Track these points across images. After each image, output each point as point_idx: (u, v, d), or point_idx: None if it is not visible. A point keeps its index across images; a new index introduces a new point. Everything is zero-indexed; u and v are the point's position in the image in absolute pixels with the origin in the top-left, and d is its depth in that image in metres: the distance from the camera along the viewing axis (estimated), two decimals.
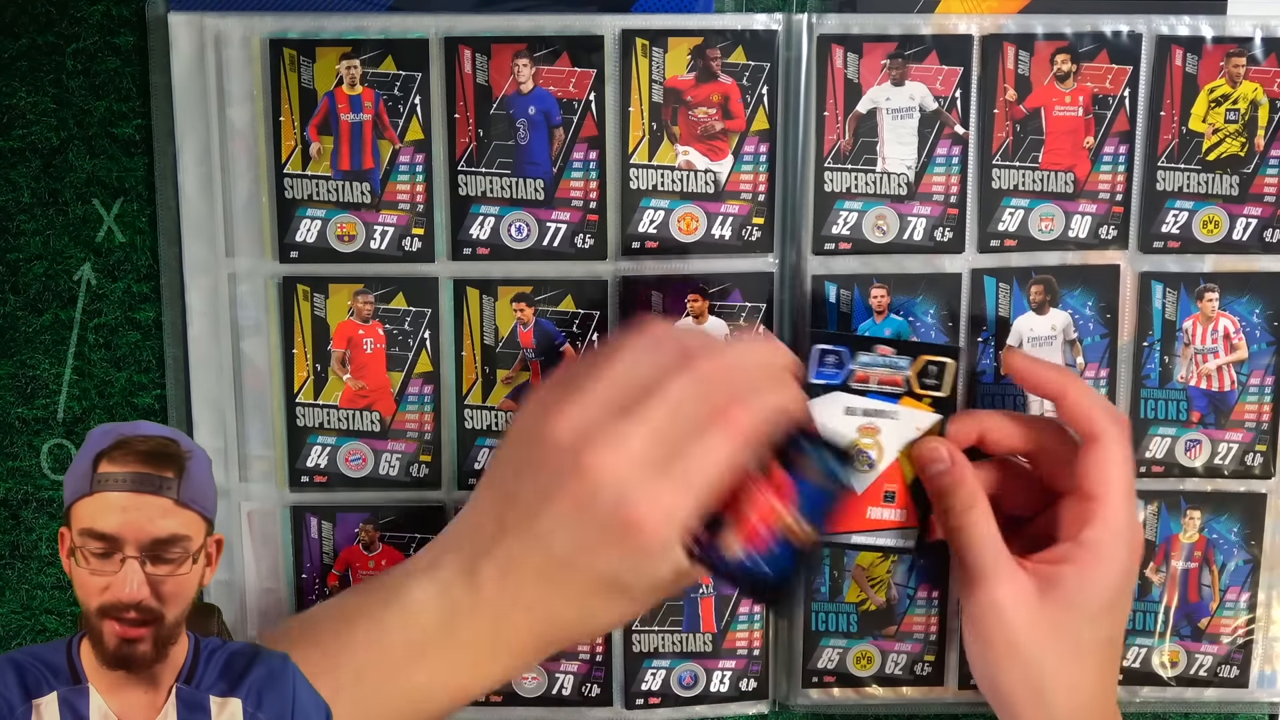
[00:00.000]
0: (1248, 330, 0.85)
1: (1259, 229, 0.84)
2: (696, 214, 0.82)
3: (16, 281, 0.82)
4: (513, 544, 0.69)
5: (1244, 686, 0.89)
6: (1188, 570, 0.88)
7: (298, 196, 0.81)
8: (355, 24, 0.80)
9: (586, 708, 0.87)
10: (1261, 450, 0.86)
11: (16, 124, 0.81)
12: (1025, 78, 0.82)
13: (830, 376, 0.80)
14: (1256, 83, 0.82)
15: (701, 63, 0.81)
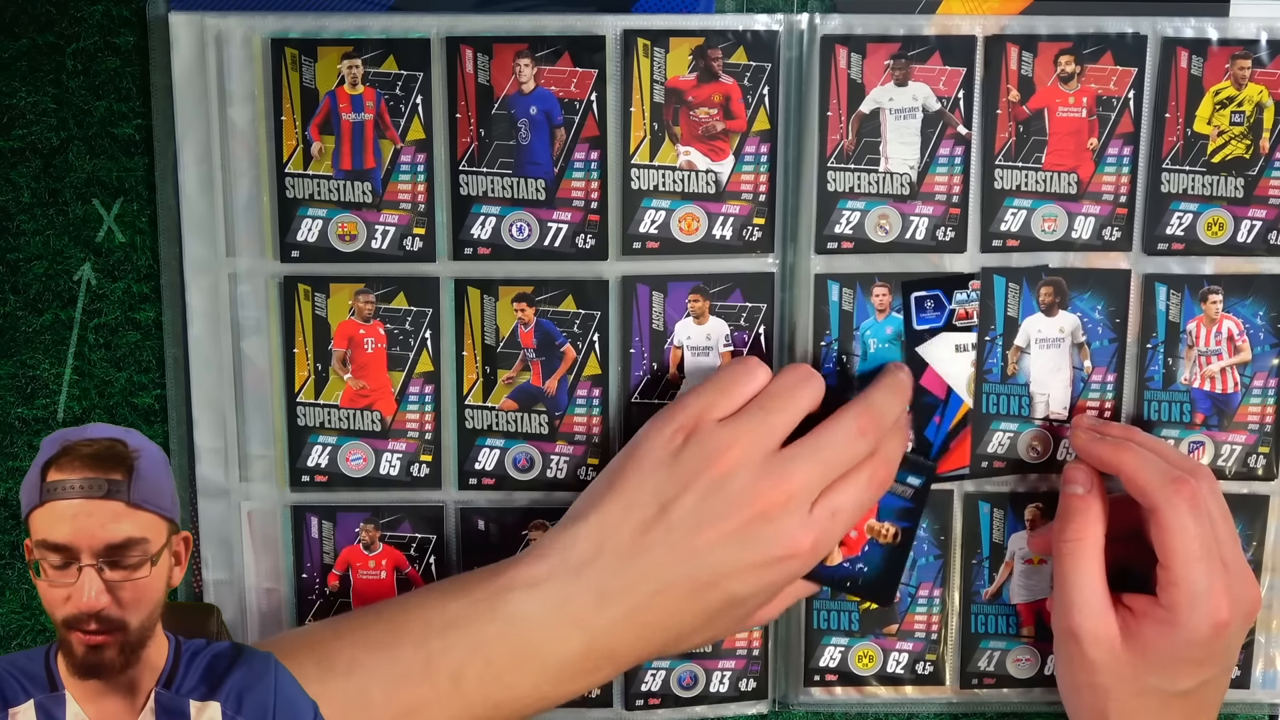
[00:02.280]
0: (1251, 332, 0.85)
1: (1263, 231, 0.84)
2: (697, 214, 0.82)
3: (16, 281, 0.82)
4: (656, 560, 0.73)
5: (1245, 687, 0.89)
6: None
7: (299, 196, 0.81)
8: (357, 23, 0.80)
9: (586, 709, 0.87)
10: (1264, 452, 0.86)
11: (16, 124, 0.81)
12: (1028, 78, 0.82)
13: (932, 320, 0.84)
14: (1262, 85, 0.82)
15: (703, 63, 0.81)
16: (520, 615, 0.72)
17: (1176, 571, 0.77)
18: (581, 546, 0.74)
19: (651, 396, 0.83)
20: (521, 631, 0.72)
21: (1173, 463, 0.78)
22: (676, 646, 0.76)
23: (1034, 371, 0.85)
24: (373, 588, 0.85)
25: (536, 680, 0.72)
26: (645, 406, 0.83)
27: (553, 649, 0.72)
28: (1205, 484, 0.78)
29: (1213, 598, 0.76)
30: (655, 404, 0.83)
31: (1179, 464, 0.79)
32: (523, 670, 0.72)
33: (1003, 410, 0.85)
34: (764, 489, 0.73)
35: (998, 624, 0.88)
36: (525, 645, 0.72)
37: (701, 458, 0.74)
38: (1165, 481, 0.77)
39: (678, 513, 0.73)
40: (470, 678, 0.71)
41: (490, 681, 0.71)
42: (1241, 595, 0.77)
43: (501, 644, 0.71)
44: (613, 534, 0.74)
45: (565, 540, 0.75)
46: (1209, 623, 0.76)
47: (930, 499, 0.84)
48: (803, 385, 0.77)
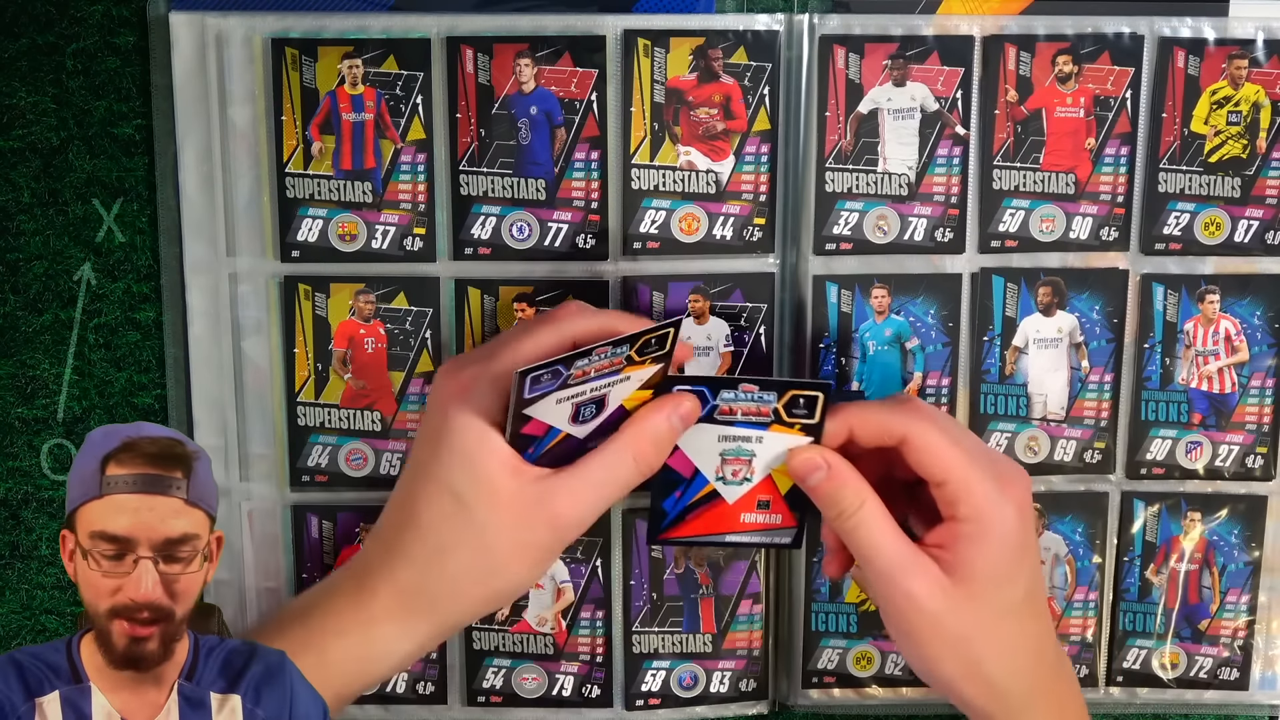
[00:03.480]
0: (1249, 332, 0.85)
1: (1260, 231, 0.84)
2: (698, 214, 0.82)
3: (16, 281, 0.82)
4: None
5: (1244, 689, 0.89)
6: (1188, 572, 0.88)
7: (299, 196, 0.81)
8: (357, 23, 0.80)
9: (587, 709, 0.87)
10: (1262, 452, 0.86)
11: (16, 124, 0.81)
12: (1026, 79, 0.82)
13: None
14: (1258, 85, 0.82)
15: (703, 63, 0.81)
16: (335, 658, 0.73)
17: (958, 478, 0.74)
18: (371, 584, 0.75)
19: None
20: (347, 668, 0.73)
21: None
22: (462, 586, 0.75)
23: (1031, 372, 0.85)
24: None
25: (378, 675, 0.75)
26: None
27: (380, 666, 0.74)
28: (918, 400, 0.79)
29: (1002, 483, 0.74)
30: None
31: None
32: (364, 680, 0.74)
33: (1000, 410, 0.85)
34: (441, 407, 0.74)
35: None
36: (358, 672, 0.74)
37: None
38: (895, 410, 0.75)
39: None
40: None
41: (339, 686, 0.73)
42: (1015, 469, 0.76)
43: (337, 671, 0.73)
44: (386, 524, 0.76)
45: None
46: (1013, 507, 0.74)
47: None
48: None
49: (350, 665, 0.73)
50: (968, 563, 0.74)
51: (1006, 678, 0.76)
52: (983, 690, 0.76)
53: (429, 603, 0.73)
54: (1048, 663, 0.77)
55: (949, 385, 0.85)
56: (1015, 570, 0.75)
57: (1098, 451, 0.86)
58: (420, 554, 0.73)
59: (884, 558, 0.74)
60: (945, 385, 0.85)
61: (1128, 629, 0.88)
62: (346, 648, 0.73)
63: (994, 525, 0.74)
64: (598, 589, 0.86)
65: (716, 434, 0.75)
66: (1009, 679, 0.76)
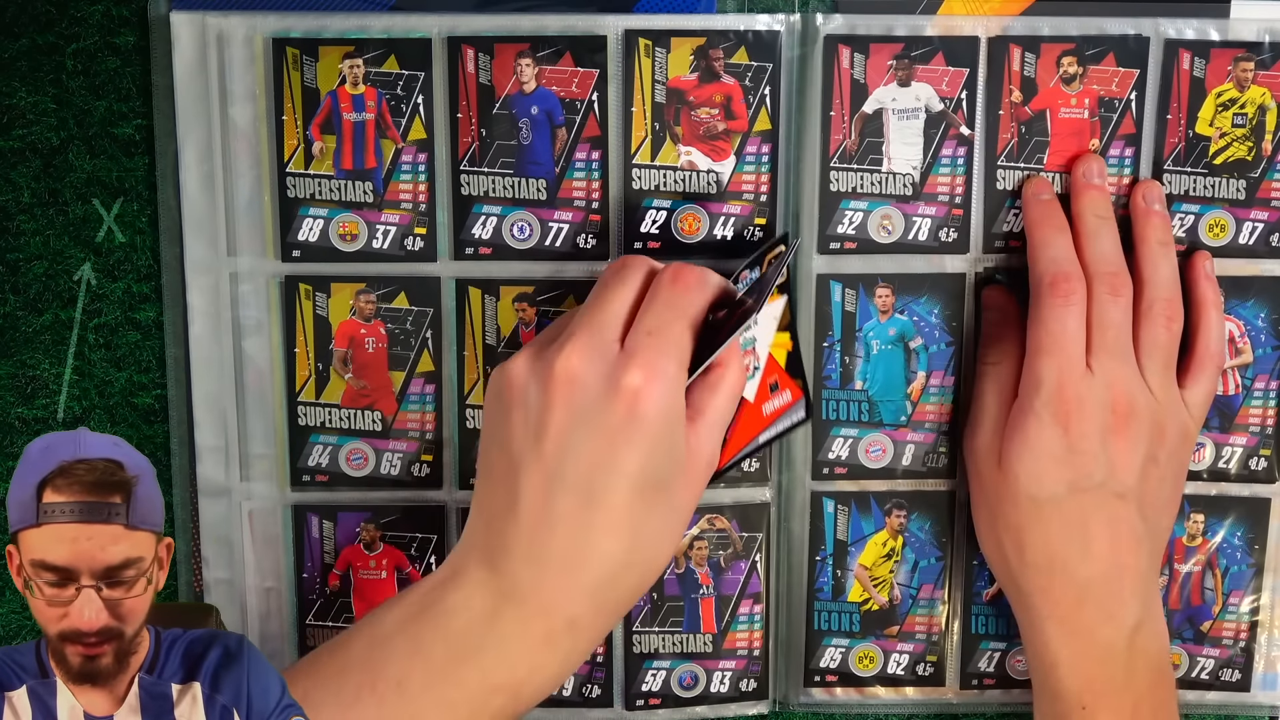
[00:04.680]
0: (1253, 334, 0.85)
1: (1265, 233, 0.83)
2: (699, 214, 0.82)
3: (16, 281, 0.82)
4: (530, 500, 0.68)
5: (1246, 690, 0.89)
6: (1190, 573, 0.87)
7: (300, 195, 0.81)
8: (358, 23, 0.80)
9: (587, 709, 0.87)
10: (1266, 454, 0.86)
11: (16, 124, 0.81)
12: (1031, 80, 0.81)
13: None
14: (1264, 87, 0.82)
15: (704, 63, 0.80)
16: (449, 607, 0.68)
17: (1030, 362, 0.78)
18: (473, 530, 0.71)
19: None
20: (453, 623, 0.68)
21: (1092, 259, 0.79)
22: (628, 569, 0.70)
23: None
24: (373, 588, 0.85)
25: (485, 669, 0.68)
26: None
27: (489, 631, 0.68)
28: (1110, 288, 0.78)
29: (1059, 388, 0.76)
30: None
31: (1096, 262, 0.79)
32: (466, 662, 0.68)
33: None
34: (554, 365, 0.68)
35: (998, 624, 0.88)
36: (461, 635, 0.68)
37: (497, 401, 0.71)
38: (1052, 273, 0.78)
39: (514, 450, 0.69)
40: (414, 682, 0.67)
41: (436, 681, 0.67)
42: (1102, 396, 0.77)
43: (436, 640, 0.68)
44: (493, 505, 0.70)
45: (469, 530, 0.72)
46: (1051, 412, 0.77)
47: (929, 499, 0.85)
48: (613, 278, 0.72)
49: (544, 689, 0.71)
50: (1011, 442, 0.78)
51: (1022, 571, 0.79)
52: (1003, 576, 0.82)
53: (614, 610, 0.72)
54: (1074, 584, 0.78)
55: (953, 385, 0.85)
56: (1045, 470, 0.77)
57: None
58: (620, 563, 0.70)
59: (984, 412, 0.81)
60: (949, 384, 0.85)
61: None
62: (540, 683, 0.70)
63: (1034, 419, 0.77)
64: None
65: None
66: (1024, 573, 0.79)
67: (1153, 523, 0.80)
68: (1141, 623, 0.79)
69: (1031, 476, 0.77)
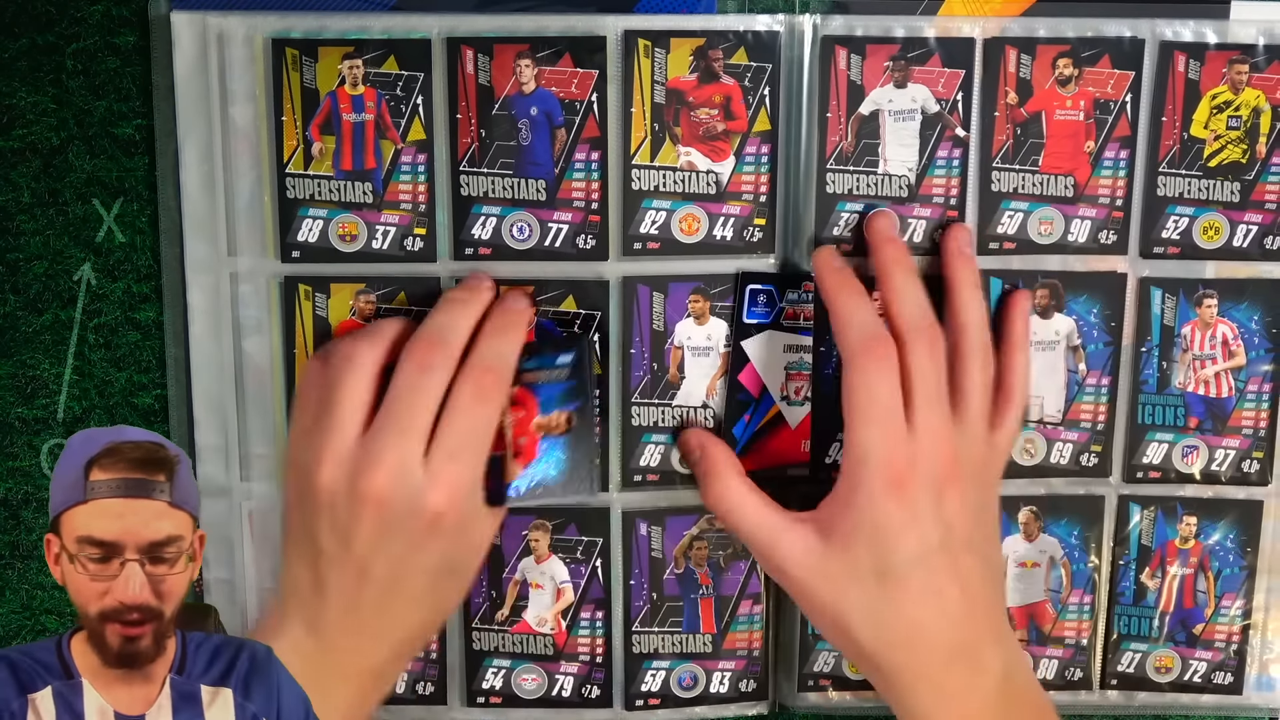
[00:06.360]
0: (1246, 337, 0.85)
1: (1259, 236, 0.84)
2: (698, 215, 0.82)
3: (16, 281, 0.82)
4: (339, 589, 0.74)
5: (1238, 693, 0.89)
6: (1183, 576, 0.88)
7: (300, 196, 0.81)
8: (358, 23, 0.80)
9: (586, 709, 0.87)
10: (1258, 457, 0.86)
11: (16, 124, 0.81)
12: (1027, 81, 0.82)
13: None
14: (1259, 89, 0.82)
15: (704, 64, 0.81)
16: None
17: (849, 433, 0.75)
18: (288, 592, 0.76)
19: (651, 397, 0.83)
20: None
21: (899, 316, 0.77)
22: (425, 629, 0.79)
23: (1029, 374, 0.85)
24: None
25: None
26: (645, 407, 0.84)
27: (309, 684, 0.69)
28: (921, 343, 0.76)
29: (887, 456, 0.74)
30: (655, 404, 0.83)
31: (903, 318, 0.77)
32: None
33: None
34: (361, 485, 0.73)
35: None
36: None
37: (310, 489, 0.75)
38: (860, 340, 0.76)
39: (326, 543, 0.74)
40: None
41: None
42: (929, 454, 0.75)
43: None
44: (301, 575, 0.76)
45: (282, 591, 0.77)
46: (882, 482, 0.74)
47: None
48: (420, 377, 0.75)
49: None
50: (834, 521, 0.76)
51: (881, 650, 0.76)
52: (855, 657, 0.78)
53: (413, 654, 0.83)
54: (939, 647, 0.76)
55: None
56: (882, 539, 0.75)
57: (1094, 454, 0.86)
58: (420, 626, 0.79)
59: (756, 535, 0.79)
60: None
61: (1123, 632, 0.88)
62: None
63: (861, 490, 0.75)
64: (597, 589, 0.86)
65: (782, 343, 0.76)
66: (884, 651, 0.76)
67: (991, 561, 0.80)
68: (1009, 664, 0.78)
69: (874, 553, 0.75)
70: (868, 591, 0.75)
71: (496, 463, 0.78)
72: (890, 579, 0.75)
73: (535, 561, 0.85)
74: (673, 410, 0.84)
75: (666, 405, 0.84)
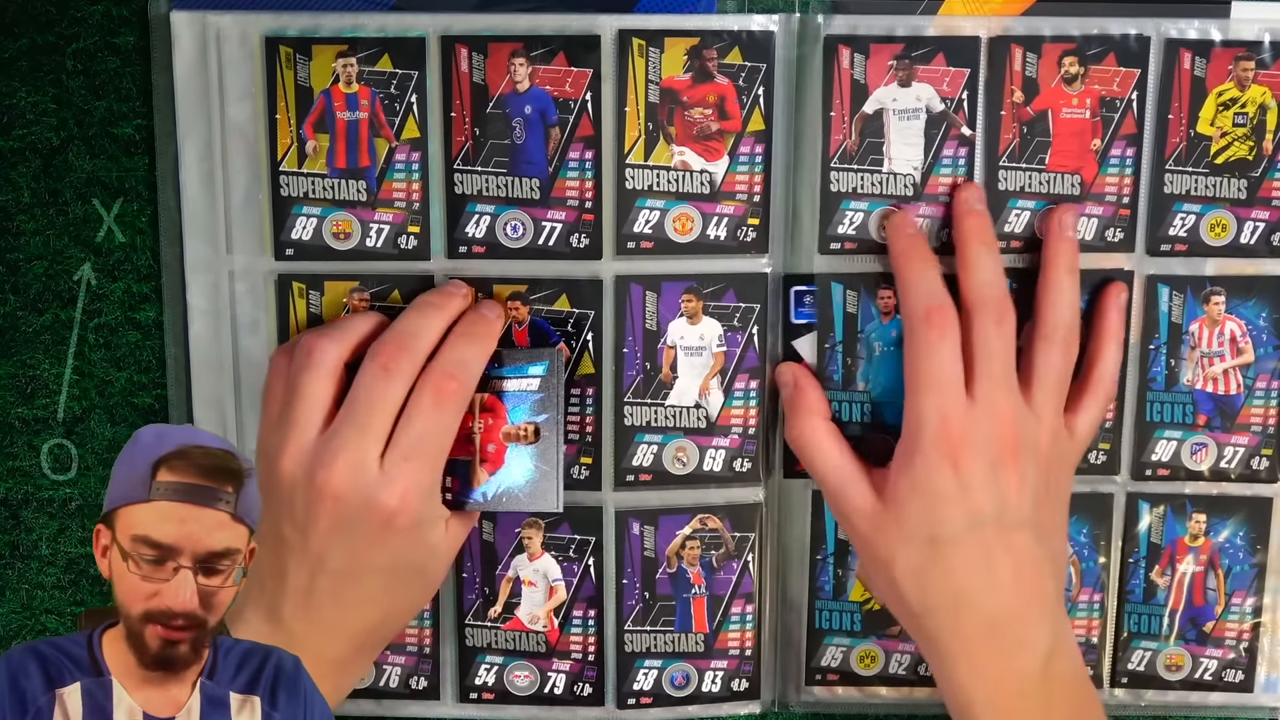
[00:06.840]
0: (1254, 334, 0.84)
1: (1266, 232, 0.83)
2: (692, 214, 0.82)
3: (16, 281, 0.83)
4: (297, 579, 0.75)
5: (1249, 691, 0.88)
6: (1193, 574, 0.87)
7: (293, 194, 0.81)
8: (352, 22, 0.80)
9: (578, 707, 0.88)
10: (1267, 454, 0.85)
11: (16, 124, 0.82)
12: (1032, 80, 0.81)
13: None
14: (1265, 86, 0.81)
15: (698, 63, 0.80)
16: None
17: (909, 399, 0.77)
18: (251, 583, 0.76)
19: (644, 397, 0.83)
20: None
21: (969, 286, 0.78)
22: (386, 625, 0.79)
23: None
24: None
25: None
26: (637, 406, 0.84)
27: None
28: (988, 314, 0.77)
29: (942, 424, 0.75)
30: (648, 404, 0.83)
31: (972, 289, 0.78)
32: None
33: None
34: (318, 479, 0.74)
35: None
36: None
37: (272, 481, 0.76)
38: (923, 307, 0.77)
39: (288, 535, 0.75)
40: None
41: None
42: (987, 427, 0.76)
43: None
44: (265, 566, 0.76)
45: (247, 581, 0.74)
46: (937, 449, 0.75)
47: None
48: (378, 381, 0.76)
49: None
50: (893, 485, 0.77)
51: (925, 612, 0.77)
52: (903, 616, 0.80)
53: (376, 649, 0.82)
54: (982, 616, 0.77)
55: None
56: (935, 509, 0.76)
57: (1103, 452, 0.86)
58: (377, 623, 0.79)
59: (829, 477, 0.80)
60: None
61: (1133, 630, 0.88)
62: None
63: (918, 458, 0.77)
64: (590, 588, 0.86)
65: None
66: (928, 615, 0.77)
67: (1049, 547, 0.79)
68: (1054, 648, 0.77)
69: (926, 518, 0.76)
70: (919, 553, 0.76)
71: (463, 467, 0.79)
72: (940, 544, 0.76)
73: (528, 559, 0.86)
74: (665, 410, 0.84)
75: (659, 405, 0.83)
